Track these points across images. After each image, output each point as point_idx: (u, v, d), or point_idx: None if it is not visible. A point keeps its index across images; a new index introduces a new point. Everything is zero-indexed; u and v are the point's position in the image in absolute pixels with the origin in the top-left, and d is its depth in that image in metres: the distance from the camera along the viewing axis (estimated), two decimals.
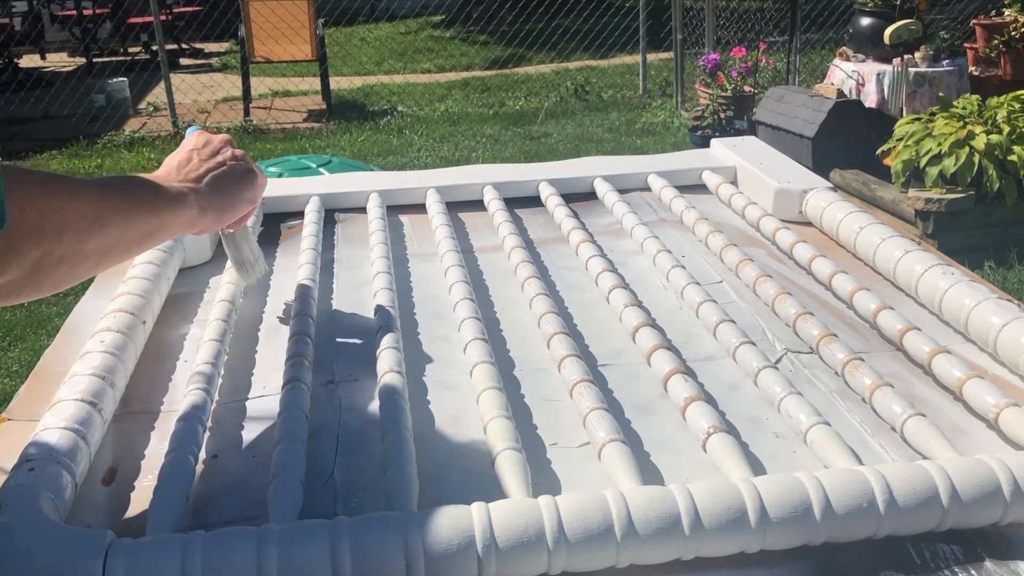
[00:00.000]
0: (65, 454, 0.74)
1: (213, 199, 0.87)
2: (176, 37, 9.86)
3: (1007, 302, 0.95)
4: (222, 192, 0.89)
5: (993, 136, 3.78)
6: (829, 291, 1.10)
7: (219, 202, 0.88)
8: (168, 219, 0.82)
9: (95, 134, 6.77)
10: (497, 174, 1.46)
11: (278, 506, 0.70)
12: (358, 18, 9.68)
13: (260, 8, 6.85)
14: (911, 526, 0.68)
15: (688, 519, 0.65)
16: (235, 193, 0.90)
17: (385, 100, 7.77)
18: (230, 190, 0.90)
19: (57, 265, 0.69)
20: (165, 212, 0.82)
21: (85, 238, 0.71)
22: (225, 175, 0.89)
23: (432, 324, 1.05)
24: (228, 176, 0.90)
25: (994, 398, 0.82)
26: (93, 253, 0.73)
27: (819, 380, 0.92)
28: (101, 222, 0.73)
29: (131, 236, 0.78)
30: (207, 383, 0.87)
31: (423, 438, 0.82)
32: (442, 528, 0.63)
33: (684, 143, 5.88)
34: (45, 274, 0.69)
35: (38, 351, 3.37)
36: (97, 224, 0.72)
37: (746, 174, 1.43)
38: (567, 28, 8.38)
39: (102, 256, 0.74)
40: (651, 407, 0.88)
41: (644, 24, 7.49)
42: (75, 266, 0.72)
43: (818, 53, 7.49)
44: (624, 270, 1.16)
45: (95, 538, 0.63)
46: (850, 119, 4.73)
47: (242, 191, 0.91)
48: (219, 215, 0.89)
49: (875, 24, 4.78)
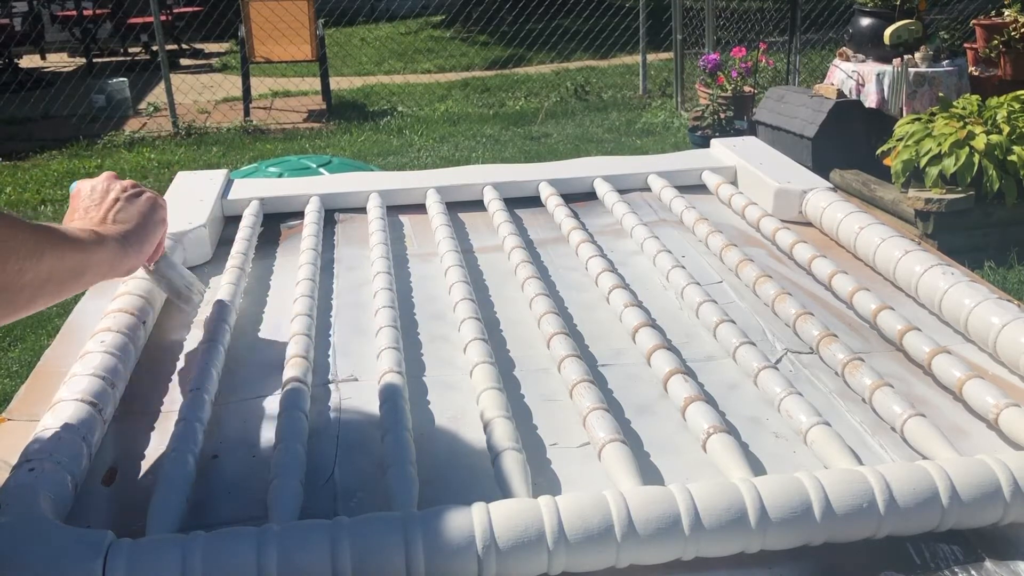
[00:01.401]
0: (65, 454, 0.74)
1: (126, 233, 0.88)
2: (176, 37, 9.86)
3: (1007, 302, 0.95)
4: (131, 223, 0.89)
5: (993, 136, 3.78)
6: (829, 291, 1.09)
7: (132, 233, 0.89)
8: (94, 257, 0.83)
9: (95, 134, 6.77)
10: (497, 174, 1.46)
11: (278, 506, 0.70)
12: (358, 18, 9.69)
13: (260, 8, 6.85)
14: (911, 526, 0.68)
15: (688, 519, 0.65)
16: (142, 221, 0.91)
17: (385, 100, 7.77)
18: (136, 218, 0.90)
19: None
20: (89, 250, 0.82)
21: (25, 267, 0.71)
22: (124, 207, 0.90)
23: (432, 324, 1.05)
24: (127, 208, 0.90)
25: (994, 398, 0.82)
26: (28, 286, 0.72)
27: (819, 380, 0.92)
28: (38, 254, 0.73)
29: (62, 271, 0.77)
30: (207, 383, 0.87)
31: (423, 438, 0.82)
32: (442, 528, 0.63)
33: (684, 143, 5.88)
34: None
35: (38, 351, 3.37)
36: (35, 255, 0.72)
37: (746, 174, 1.43)
38: (567, 28, 8.38)
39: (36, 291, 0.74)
40: (651, 407, 0.88)
41: (644, 24, 7.49)
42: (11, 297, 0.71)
43: (818, 53, 7.49)
44: (624, 270, 1.16)
45: (95, 538, 0.63)
46: (850, 119, 4.73)
47: (149, 215, 0.92)
48: (139, 246, 0.90)
49: (875, 24, 4.78)
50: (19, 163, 6.30)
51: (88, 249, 0.82)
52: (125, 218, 0.90)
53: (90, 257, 0.82)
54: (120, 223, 0.89)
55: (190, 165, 5.99)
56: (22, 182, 5.82)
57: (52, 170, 6.06)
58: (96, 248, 0.83)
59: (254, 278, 1.19)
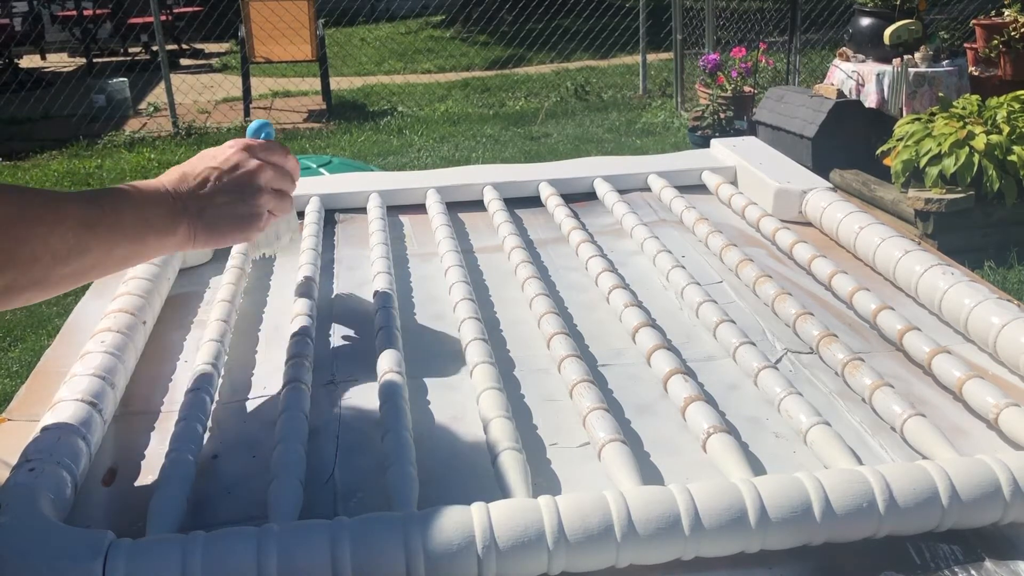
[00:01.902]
0: (65, 454, 0.74)
1: (203, 232, 0.84)
2: (176, 37, 9.86)
3: (1007, 302, 0.95)
4: (213, 228, 0.84)
5: (993, 136, 3.78)
6: (829, 291, 1.09)
7: (206, 235, 0.84)
8: (151, 247, 0.80)
9: (95, 134, 6.77)
10: (497, 174, 1.46)
11: (278, 506, 0.70)
12: (358, 18, 9.69)
13: (260, 8, 6.85)
14: (911, 526, 0.68)
15: (688, 519, 0.65)
16: (225, 232, 0.86)
17: (385, 100, 7.77)
18: (223, 229, 0.85)
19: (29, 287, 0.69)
20: (149, 240, 0.79)
21: (61, 264, 0.70)
22: (225, 215, 0.85)
23: (432, 324, 1.05)
24: (227, 217, 0.85)
25: (994, 398, 0.82)
26: (68, 277, 0.72)
27: (819, 380, 0.92)
28: (80, 248, 0.71)
29: (110, 261, 0.76)
30: (207, 383, 0.87)
31: (423, 438, 0.82)
32: (442, 528, 0.63)
33: (684, 143, 5.88)
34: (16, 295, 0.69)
35: (38, 351, 3.37)
36: (76, 251, 0.71)
37: (746, 174, 1.43)
38: (567, 28, 8.38)
39: (77, 279, 0.73)
40: (651, 407, 0.88)
41: (644, 24, 7.49)
42: (47, 289, 0.71)
43: (818, 53, 7.49)
44: (624, 270, 1.16)
45: (95, 538, 0.63)
46: (850, 119, 4.73)
47: (234, 234, 0.87)
48: (204, 244, 0.86)
49: (875, 24, 4.78)
50: (19, 163, 6.30)
51: (148, 240, 0.79)
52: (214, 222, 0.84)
53: (147, 247, 0.79)
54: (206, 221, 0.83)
55: None
56: (22, 182, 5.82)
57: (52, 170, 6.06)
58: (160, 239, 0.80)
59: (254, 278, 1.19)
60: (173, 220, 0.81)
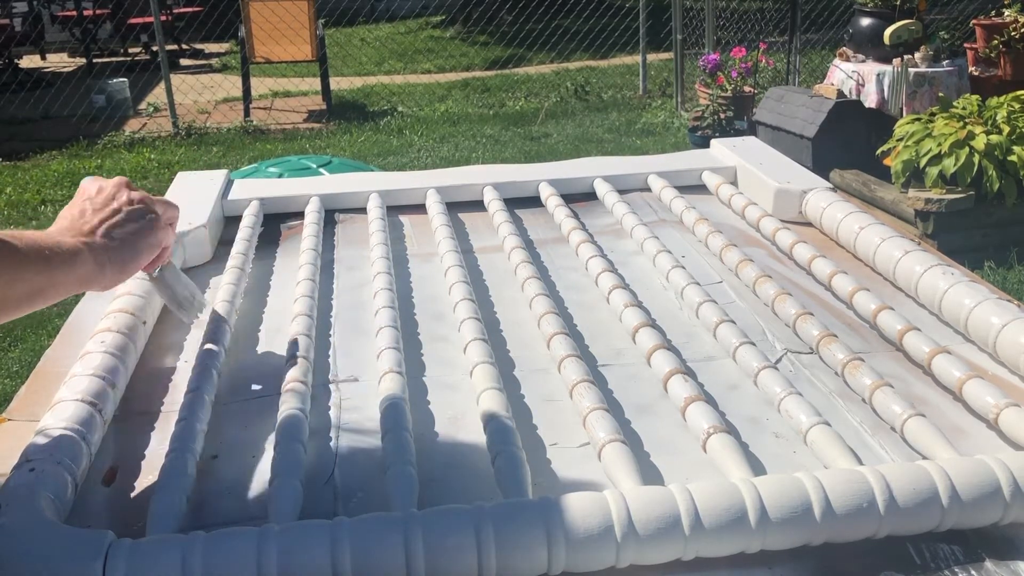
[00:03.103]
0: (65, 454, 0.74)
1: (111, 251, 0.81)
2: (176, 38, 9.86)
3: (1007, 302, 0.95)
4: (120, 242, 0.82)
5: (993, 136, 3.78)
6: (829, 291, 1.09)
7: (118, 253, 0.82)
8: (59, 277, 0.76)
9: (95, 134, 6.77)
10: (497, 174, 1.46)
11: (278, 506, 0.70)
12: (358, 18, 9.68)
13: (260, 8, 6.85)
14: (911, 526, 0.68)
15: (688, 519, 0.65)
16: (134, 241, 0.83)
17: (385, 100, 7.77)
18: (128, 239, 0.83)
19: None
20: (55, 270, 0.75)
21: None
22: (120, 223, 0.83)
23: (432, 324, 1.05)
24: (124, 224, 0.83)
25: (994, 398, 0.82)
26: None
27: (819, 380, 0.92)
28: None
29: (14, 295, 0.72)
30: (207, 383, 0.87)
31: (423, 438, 0.82)
32: (442, 528, 0.63)
33: (684, 143, 5.88)
34: None
35: (38, 351, 3.37)
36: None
37: (746, 174, 1.43)
38: (567, 28, 8.38)
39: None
40: (651, 407, 0.88)
41: (644, 24, 7.49)
42: None
43: (818, 53, 7.49)
44: (624, 270, 1.16)
45: (95, 538, 0.63)
46: (850, 119, 4.73)
47: (142, 238, 0.85)
48: (121, 267, 0.83)
49: (875, 24, 4.78)
50: (19, 163, 6.30)
51: (52, 268, 0.75)
52: (119, 235, 0.82)
53: (54, 276, 0.75)
54: (107, 239, 0.81)
55: (190, 165, 5.99)
56: (22, 182, 5.82)
57: (52, 170, 6.06)
58: (66, 268, 0.77)
59: (254, 278, 1.19)
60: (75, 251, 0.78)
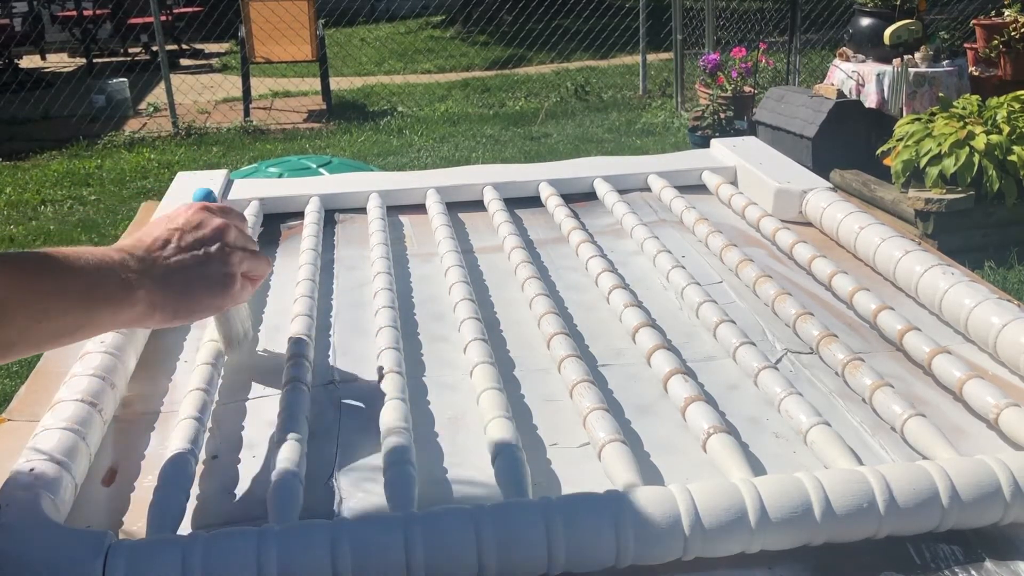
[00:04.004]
0: (65, 454, 0.74)
1: (168, 298, 0.73)
2: (176, 38, 9.86)
3: (1007, 302, 0.95)
4: (181, 294, 0.74)
5: (993, 136, 3.78)
6: (829, 291, 1.09)
7: (174, 304, 0.74)
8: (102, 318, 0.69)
9: (95, 135, 6.78)
10: (497, 174, 1.46)
11: (278, 506, 0.70)
12: (358, 18, 9.69)
13: (260, 8, 6.85)
14: (911, 526, 0.68)
15: (688, 519, 0.65)
16: (197, 299, 0.76)
17: (385, 100, 7.77)
18: (193, 294, 0.75)
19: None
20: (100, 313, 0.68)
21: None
22: (194, 277, 0.75)
23: (432, 324, 1.05)
24: (196, 280, 0.75)
25: (994, 398, 0.82)
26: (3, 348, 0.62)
27: (819, 380, 0.92)
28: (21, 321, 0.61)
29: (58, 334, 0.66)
30: (207, 383, 0.87)
31: (423, 438, 0.82)
32: (442, 528, 0.63)
33: (684, 143, 5.88)
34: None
35: None
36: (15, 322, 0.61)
37: (746, 174, 1.42)
38: (567, 28, 8.38)
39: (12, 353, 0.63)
40: (651, 407, 0.88)
41: (644, 24, 7.49)
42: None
43: (818, 53, 7.49)
44: (624, 270, 1.16)
45: (95, 538, 0.63)
46: (850, 119, 4.73)
47: (207, 299, 0.77)
48: (172, 316, 0.75)
49: (875, 24, 4.78)
50: (19, 163, 6.30)
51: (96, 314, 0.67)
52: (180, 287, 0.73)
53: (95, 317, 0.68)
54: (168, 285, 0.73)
55: (190, 165, 5.99)
56: (22, 182, 5.83)
57: (52, 170, 6.06)
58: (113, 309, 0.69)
59: None
60: (128, 289, 0.70)
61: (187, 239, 0.76)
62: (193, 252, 0.75)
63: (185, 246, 0.75)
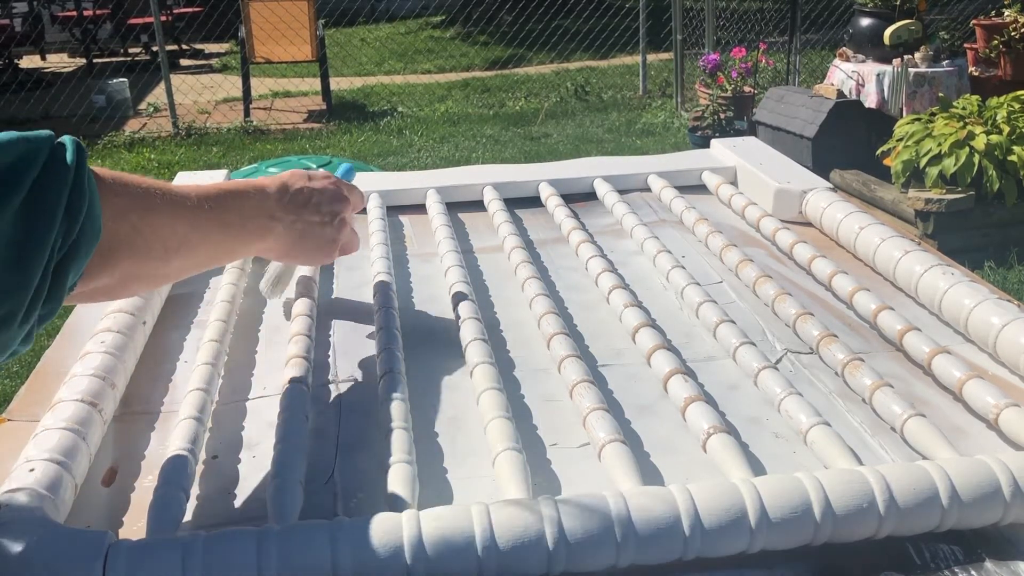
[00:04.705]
0: (65, 454, 0.74)
1: (289, 243, 0.88)
2: (176, 38, 9.86)
3: (1007, 302, 0.95)
4: (298, 243, 0.89)
5: (993, 136, 3.78)
6: (829, 291, 1.09)
7: (290, 248, 0.89)
8: (247, 248, 0.86)
9: (95, 134, 6.77)
10: (497, 174, 1.46)
11: (278, 506, 0.70)
12: (358, 19, 9.68)
13: (260, 9, 6.85)
14: (911, 526, 0.68)
15: (688, 519, 0.65)
16: (307, 251, 0.91)
17: (385, 101, 7.77)
18: (307, 246, 0.90)
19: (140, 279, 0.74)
20: (248, 242, 0.84)
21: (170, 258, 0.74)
22: (316, 233, 0.90)
23: (432, 325, 1.05)
24: (314, 237, 0.90)
25: (994, 398, 0.82)
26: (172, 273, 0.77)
27: (819, 380, 0.92)
28: (188, 247, 0.75)
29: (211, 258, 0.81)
30: (207, 383, 0.87)
31: (423, 438, 0.82)
32: (442, 528, 0.63)
33: (684, 143, 5.88)
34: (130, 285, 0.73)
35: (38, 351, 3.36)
36: (184, 248, 0.75)
37: (746, 174, 1.43)
38: (567, 29, 8.38)
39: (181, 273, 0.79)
40: (651, 407, 0.88)
41: (644, 24, 7.49)
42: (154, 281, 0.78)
43: (818, 53, 7.49)
44: (624, 270, 1.16)
45: (95, 538, 0.63)
46: (850, 119, 4.73)
47: (313, 252, 0.92)
48: (283, 255, 0.92)
49: (875, 24, 4.78)
50: None
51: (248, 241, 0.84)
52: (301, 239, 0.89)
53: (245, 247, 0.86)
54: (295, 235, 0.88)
55: (190, 165, 5.99)
56: None
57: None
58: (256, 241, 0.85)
59: (254, 278, 1.19)
60: (269, 225, 0.85)
61: (324, 206, 0.90)
62: (321, 218, 0.90)
63: (318, 207, 0.90)
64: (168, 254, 0.73)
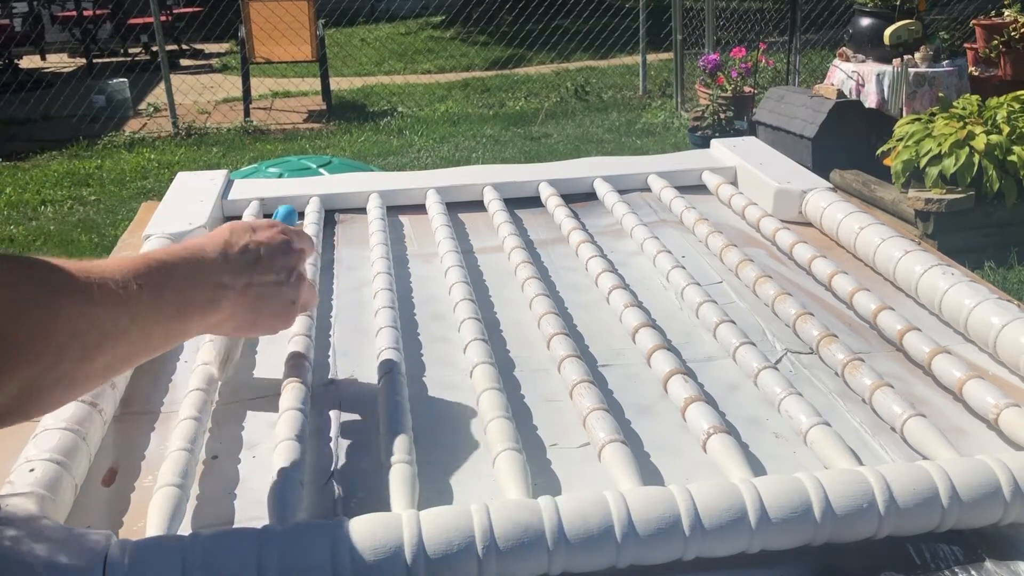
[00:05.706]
0: (65, 454, 0.74)
1: (243, 313, 0.74)
2: (176, 38, 9.86)
3: (1007, 302, 0.95)
4: (253, 311, 0.75)
5: (993, 136, 3.78)
6: (829, 292, 1.09)
7: (243, 319, 0.75)
8: (193, 326, 0.70)
9: (95, 135, 6.78)
10: (497, 175, 1.46)
11: (278, 506, 0.70)
12: (358, 19, 9.68)
13: (260, 9, 6.86)
14: (911, 526, 0.68)
15: (688, 519, 0.65)
16: (264, 319, 0.77)
17: (385, 101, 7.77)
18: (263, 314, 0.76)
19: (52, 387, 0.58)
20: (193, 320, 0.69)
21: (93, 356, 0.59)
22: (271, 296, 0.76)
23: (432, 325, 1.05)
24: (271, 301, 0.76)
25: (994, 398, 0.82)
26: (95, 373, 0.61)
27: (819, 380, 0.92)
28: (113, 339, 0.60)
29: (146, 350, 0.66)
30: (207, 383, 0.87)
31: (423, 438, 0.82)
32: (442, 528, 0.63)
33: (684, 143, 5.89)
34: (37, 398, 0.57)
35: None
36: (108, 342, 0.60)
37: (746, 174, 1.43)
38: (567, 29, 8.38)
39: (109, 372, 0.63)
40: (651, 408, 0.88)
41: (644, 25, 7.50)
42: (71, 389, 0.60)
43: (818, 53, 7.49)
44: (624, 271, 1.16)
45: (95, 538, 0.63)
46: (850, 119, 4.73)
47: (270, 321, 0.78)
48: (235, 329, 0.78)
49: (875, 24, 4.78)
50: (19, 163, 6.30)
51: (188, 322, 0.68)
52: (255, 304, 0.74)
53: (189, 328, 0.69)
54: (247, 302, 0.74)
55: (190, 165, 5.99)
56: (22, 183, 5.83)
57: (52, 171, 6.06)
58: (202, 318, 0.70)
59: None
60: (216, 295, 0.71)
61: (276, 262, 0.76)
62: (276, 276, 0.76)
63: (270, 266, 0.76)
64: (88, 352, 0.58)
